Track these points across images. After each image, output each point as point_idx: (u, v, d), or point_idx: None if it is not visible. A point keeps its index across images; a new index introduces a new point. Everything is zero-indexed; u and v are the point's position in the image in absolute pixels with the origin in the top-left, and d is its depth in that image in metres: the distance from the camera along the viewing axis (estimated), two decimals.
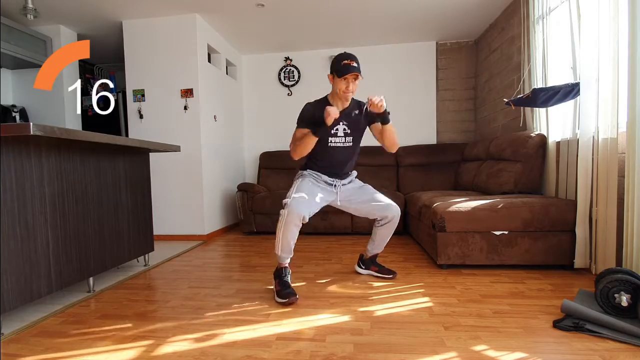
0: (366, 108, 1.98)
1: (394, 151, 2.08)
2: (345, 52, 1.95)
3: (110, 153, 2.18)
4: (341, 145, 2.02)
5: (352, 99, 2.05)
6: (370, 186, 2.16)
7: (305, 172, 2.08)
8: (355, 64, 1.88)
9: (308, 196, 1.91)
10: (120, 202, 2.26)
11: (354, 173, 2.19)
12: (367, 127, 2.08)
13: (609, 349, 1.28)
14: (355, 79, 1.91)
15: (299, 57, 4.50)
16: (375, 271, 2.19)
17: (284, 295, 1.79)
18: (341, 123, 1.99)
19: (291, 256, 1.96)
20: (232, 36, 3.99)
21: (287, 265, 1.96)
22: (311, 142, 1.91)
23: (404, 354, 1.28)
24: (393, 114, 4.52)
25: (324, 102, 2.04)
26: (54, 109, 3.55)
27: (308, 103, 2.05)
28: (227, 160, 4.12)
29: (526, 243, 2.21)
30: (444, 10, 3.41)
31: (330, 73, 1.97)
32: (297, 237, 1.90)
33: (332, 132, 1.98)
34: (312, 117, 1.95)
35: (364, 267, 2.26)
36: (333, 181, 2.05)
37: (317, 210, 1.97)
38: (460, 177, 3.70)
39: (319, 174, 2.05)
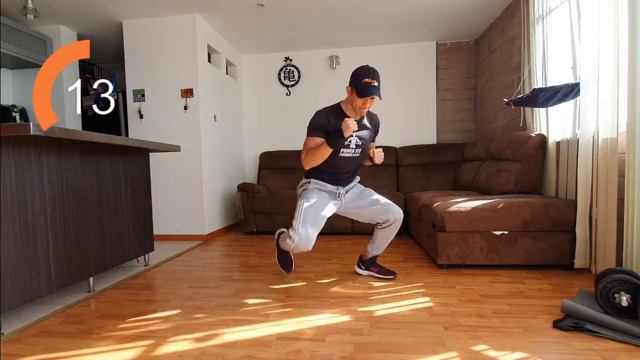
0: (377, 129, 2.16)
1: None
2: (368, 66, 1.95)
3: (110, 153, 2.18)
4: (350, 155, 2.01)
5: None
6: (371, 190, 2.16)
7: (309, 183, 2.05)
8: (376, 83, 1.88)
9: (315, 218, 1.92)
10: (120, 202, 2.26)
11: (357, 178, 2.18)
12: None
13: (609, 349, 1.28)
14: (373, 99, 1.91)
15: (299, 57, 4.50)
16: (376, 272, 2.19)
17: (285, 265, 2.22)
18: (353, 135, 1.96)
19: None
20: (232, 36, 3.99)
21: None
22: (326, 153, 1.88)
23: (404, 354, 1.28)
24: (393, 114, 4.55)
25: (337, 110, 2.01)
26: (54, 109, 3.53)
27: (320, 110, 1.99)
28: (227, 160, 4.12)
29: (526, 243, 2.21)
30: (444, 10, 3.41)
31: (350, 85, 1.95)
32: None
33: (346, 143, 1.96)
34: (325, 126, 1.93)
35: (363, 268, 2.25)
36: (337, 189, 2.04)
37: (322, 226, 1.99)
38: (460, 177, 3.70)
39: (323, 183, 2.03)
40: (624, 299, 1.46)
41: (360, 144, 2.01)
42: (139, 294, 2.01)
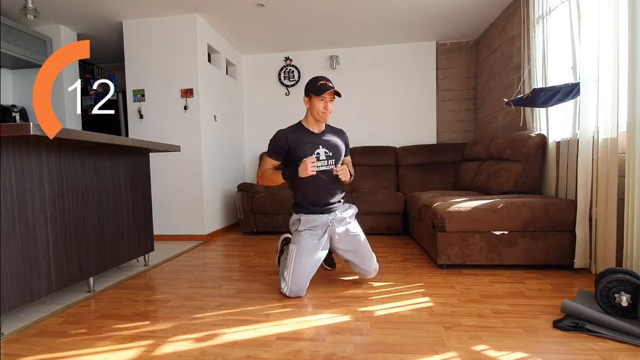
0: (346, 144, 2.10)
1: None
2: (319, 75, 1.98)
3: (110, 153, 2.17)
4: (325, 168, 1.96)
5: (327, 125, 2.05)
6: (363, 237, 2.08)
7: (299, 222, 1.99)
8: (331, 84, 1.89)
9: (307, 269, 1.89)
10: (120, 202, 2.26)
11: (350, 209, 2.11)
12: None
13: (609, 349, 1.28)
14: (332, 99, 1.92)
15: (299, 57, 4.50)
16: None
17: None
18: (320, 147, 1.95)
19: None
20: (232, 36, 3.99)
21: None
22: (279, 181, 1.93)
23: (404, 354, 1.28)
24: (393, 114, 4.54)
25: (299, 126, 2.01)
26: (54, 109, 3.54)
27: (280, 130, 1.98)
28: (227, 160, 4.12)
29: (526, 243, 2.21)
30: (444, 10, 3.41)
31: (306, 95, 1.96)
32: None
33: (315, 155, 1.93)
34: (284, 147, 1.94)
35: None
36: (329, 218, 1.98)
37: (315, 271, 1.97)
38: (460, 177, 3.70)
39: (314, 217, 1.97)
40: (624, 299, 1.46)
41: (330, 154, 1.97)
42: (139, 294, 2.01)
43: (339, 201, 2.06)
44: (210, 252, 3.01)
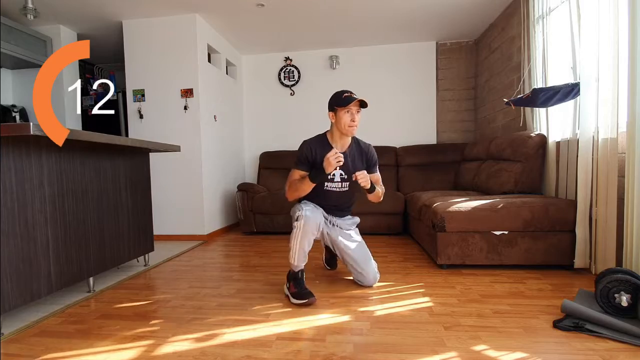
0: (369, 162, 2.00)
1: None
2: (342, 89, 1.91)
3: (110, 153, 2.18)
4: (337, 190, 1.95)
5: (355, 141, 1.99)
6: (365, 246, 2.08)
7: (302, 203, 1.96)
8: (355, 95, 1.83)
9: (315, 207, 1.89)
10: (120, 202, 2.26)
11: (354, 219, 2.12)
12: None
13: (609, 349, 1.28)
14: (359, 110, 1.86)
15: (299, 57, 4.50)
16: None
17: (303, 295, 1.76)
18: (337, 168, 1.88)
19: (306, 261, 1.91)
20: (232, 36, 3.99)
21: (302, 268, 1.90)
22: (308, 188, 1.85)
23: (404, 354, 1.28)
24: (393, 114, 4.54)
25: (323, 140, 1.95)
26: (54, 109, 3.54)
27: (305, 141, 1.94)
28: (227, 160, 4.12)
29: (526, 243, 2.21)
30: (444, 10, 3.41)
31: (330, 110, 1.88)
32: (312, 244, 1.89)
33: (329, 177, 1.91)
34: (310, 158, 1.89)
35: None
36: (329, 217, 2.01)
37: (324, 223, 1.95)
38: (460, 177, 3.70)
39: (316, 205, 1.95)
40: (624, 299, 1.46)
41: (346, 177, 1.94)
42: (139, 294, 2.01)
43: (343, 214, 2.07)
44: (210, 252, 3.01)
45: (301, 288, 1.81)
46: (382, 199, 2.00)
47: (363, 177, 1.81)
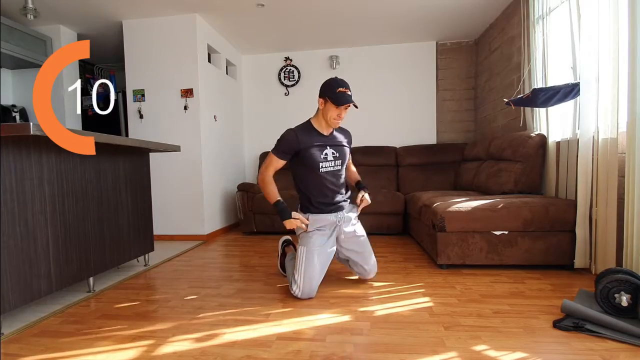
0: (350, 144, 2.12)
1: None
2: (336, 77, 1.93)
3: (110, 153, 2.18)
4: (331, 169, 1.98)
5: None
6: (368, 241, 2.10)
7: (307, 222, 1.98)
8: (349, 93, 1.87)
9: (317, 269, 1.88)
10: (120, 202, 2.26)
11: (354, 211, 2.11)
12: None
13: (609, 349, 1.28)
14: (347, 108, 1.91)
15: (299, 57, 4.50)
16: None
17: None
18: (328, 147, 1.97)
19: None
20: (232, 36, 3.99)
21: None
22: (269, 198, 1.94)
23: (404, 354, 1.28)
24: (393, 114, 4.54)
25: (308, 127, 1.98)
26: (54, 109, 3.55)
27: (290, 129, 1.97)
28: (227, 160, 4.12)
29: (526, 243, 2.21)
30: (444, 10, 3.41)
31: (322, 97, 1.90)
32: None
33: (322, 157, 1.94)
34: (294, 147, 1.92)
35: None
36: (336, 217, 1.99)
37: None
38: (460, 177, 3.70)
39: (321, 217, 1.96)
40: (624, 299, 1.46)
41: (337, 155, 1.99)
42: (139, 294, 2.01)
43: (345, 200, 2.08)
44: (210, 252, 3.01)
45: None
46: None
47: (365, 202, 2.05)
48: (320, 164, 1.94)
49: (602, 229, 2.01)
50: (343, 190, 2.06)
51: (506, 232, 2.22)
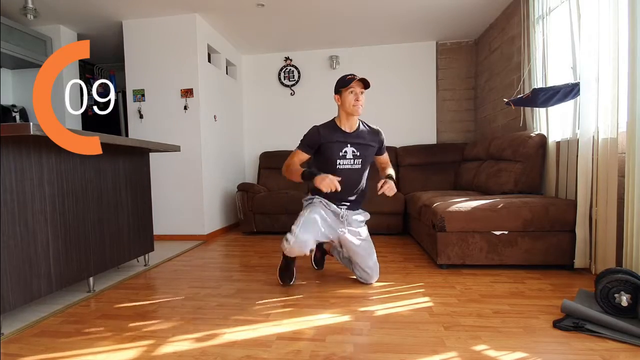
0: (381, 144, 2.14)
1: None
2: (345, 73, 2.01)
3: (110, 153, 2.17)
4: (349, 167, 1.99)
5: (362, 124, 2.07)
6: (372, 244, 2.11)
7: (315, 198, 2.03)
8: (359, 76, 1.91)
9: (315, 226, 1.89)
10: (120, 202, 2.26)
11: (366, 215, 2.14)
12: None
13: (609, 349, 1.28)
14: (362, 90, 1.93)
15: (299, 57, 4.50)
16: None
17: (282, 277, 2.05)
18: (348, 145, 1.98)
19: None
20: (232, 36, 3.99)
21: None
22: (297, 179, 1.96)
23: (403, 354, 1.28)
24: (393, 114, 4.54)
25: (331, 124, 2.03)
26: (54, 109, 3.54)
27: (315, 126, 2.02)
28: (227, 160, 4.12)
29: (526, 243, 2.21)
30: (444, 10, 3.41)
31: (336, 93, 1.98)
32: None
33: (341, 154, 1.97)
34: (317, 142, 1.97)
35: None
36: (341, 210, 2.01)
37: (321, 240, 1.98)
38: (460, 177, 3.70)
39: (327, 202, 2.01)
40: (624, 299, 1.46)
41: (358, 154, 2.00)
42: (139, 294, 2.01)
43: (356, 202, 2.08)
44: (210, 252, 3.01)
45: (287, 269, 2.04)
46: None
47: (388, 187, 1.94)
48: (338, 161, 1.97)
49: (602, 229, 2.01)
50: (357, 192, 2.07)
51: (506, 232, 2.22)
